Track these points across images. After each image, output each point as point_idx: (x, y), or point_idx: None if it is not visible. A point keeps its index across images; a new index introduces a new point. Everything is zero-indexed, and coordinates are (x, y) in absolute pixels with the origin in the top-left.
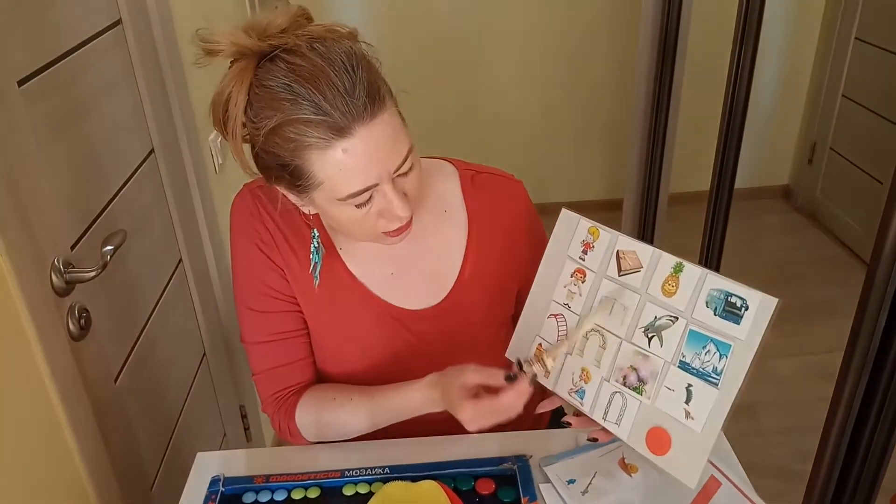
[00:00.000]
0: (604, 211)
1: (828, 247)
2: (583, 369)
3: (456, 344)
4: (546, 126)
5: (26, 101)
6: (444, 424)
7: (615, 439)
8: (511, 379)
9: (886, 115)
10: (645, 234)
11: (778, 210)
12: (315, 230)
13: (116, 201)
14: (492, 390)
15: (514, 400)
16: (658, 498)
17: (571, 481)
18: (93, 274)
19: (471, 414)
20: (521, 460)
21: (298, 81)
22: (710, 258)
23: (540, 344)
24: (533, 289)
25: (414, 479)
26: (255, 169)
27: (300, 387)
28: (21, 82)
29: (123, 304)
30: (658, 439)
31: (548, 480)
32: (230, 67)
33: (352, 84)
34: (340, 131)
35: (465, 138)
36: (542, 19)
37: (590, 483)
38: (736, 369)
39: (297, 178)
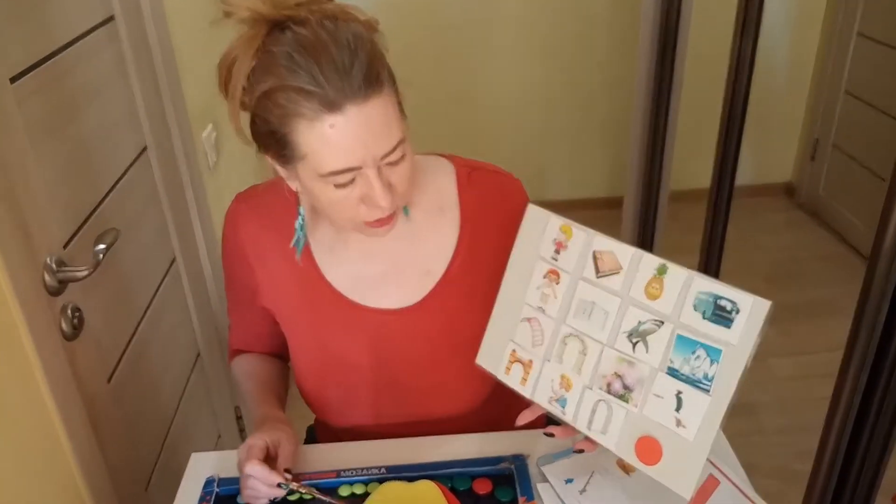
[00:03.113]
0: (604, 209)
1: (830, 244)
2: (562, 376)
3: (437, 346)
4: (545, 123)
5: (18, 99)
6: (442, 425)
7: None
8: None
9: (889, 112)
10: (646, 231)
11: (780, 207)
12: (302, 208)
13: (109, 199)
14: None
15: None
16: (656, 497)
17: (569, 481)
18: (85, 273)
19: None
20: (519, 460)
21: (299, 51)
22: (711, 256)
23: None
24: (501, 291)
25: (411, 479)
26: (247, 133)
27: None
28: (13, 79)
29: (117, 303)
30: (648, 448)
31: (545, 480)
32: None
33: (350, 63)
34: (330, 106)
35: (463, 134)
36: (541, 14)
37: (587, 482)
38: (728, 374)
39: (283, 147)
